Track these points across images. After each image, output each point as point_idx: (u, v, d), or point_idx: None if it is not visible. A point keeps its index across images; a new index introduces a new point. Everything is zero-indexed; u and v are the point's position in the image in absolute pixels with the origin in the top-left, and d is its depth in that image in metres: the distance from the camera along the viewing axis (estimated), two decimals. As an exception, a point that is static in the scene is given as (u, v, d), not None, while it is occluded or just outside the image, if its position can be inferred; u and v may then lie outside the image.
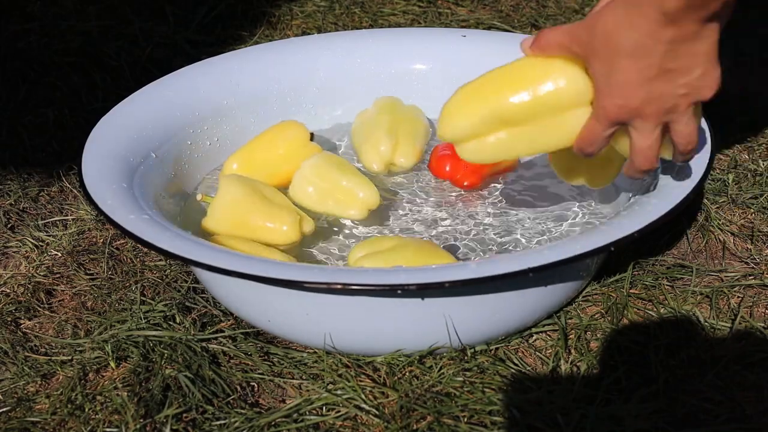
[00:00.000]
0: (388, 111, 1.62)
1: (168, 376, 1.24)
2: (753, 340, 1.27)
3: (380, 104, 1.65)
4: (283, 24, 2.29)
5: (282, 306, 1.23)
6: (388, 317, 1.20)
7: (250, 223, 1.40)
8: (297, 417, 1.18)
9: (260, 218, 1.40)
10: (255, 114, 1.67)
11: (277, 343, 1.31)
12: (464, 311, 1.20)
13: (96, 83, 2.01)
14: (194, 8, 2.32)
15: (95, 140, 1.41)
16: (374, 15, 2.31)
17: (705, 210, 1.54)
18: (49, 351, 1.33)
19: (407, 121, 1.62)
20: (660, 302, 1.35)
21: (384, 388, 1.21)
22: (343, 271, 1.13)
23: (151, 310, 1.37)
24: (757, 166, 1.66)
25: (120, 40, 2.17)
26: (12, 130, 1.86)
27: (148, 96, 1.56)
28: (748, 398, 1.18)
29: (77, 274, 1.47)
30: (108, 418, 1.19)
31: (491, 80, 1.20)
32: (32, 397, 1.24)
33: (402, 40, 1.77)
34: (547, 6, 2.36)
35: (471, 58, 1.72)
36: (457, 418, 1.16)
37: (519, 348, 1.28)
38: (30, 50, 2.13)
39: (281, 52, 1.73)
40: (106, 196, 1.28)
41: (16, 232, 1.59)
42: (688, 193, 1.22)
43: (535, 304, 1.25)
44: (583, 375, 1.22)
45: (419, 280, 1.09)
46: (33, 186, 1.70)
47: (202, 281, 1.35)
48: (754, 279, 1.39)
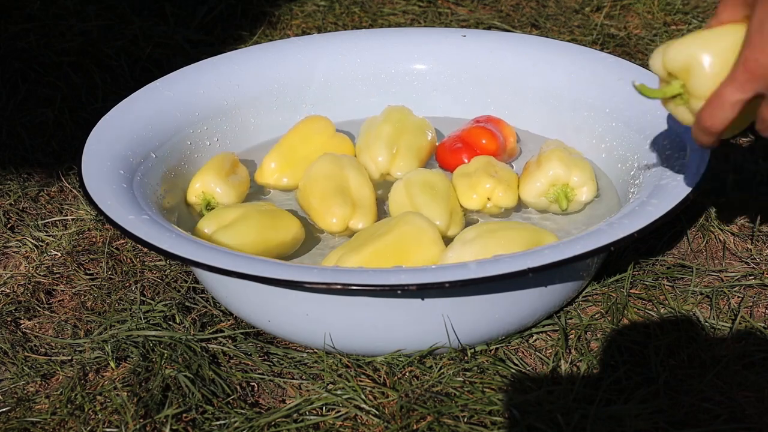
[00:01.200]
0: (393, 121, 1.61)
1: (168, 376, 1.24)
2: (753, 340, 1.27)
3: (387, 113, 1.64)
4: (283, 24, 2.29)
5: (282, 306, 1.23)
6: (388, 317, 1.20)
7: (312, 202, 1.45)
8: (297, 417, 1.18)
9: (316, 202, 1.43)
10: (255, 114, 1.67)
11: (277, 343, 1.31)
12: (464, 311, 1.20)
13: (96, 83, 2.01)
14: (194, 8, 2.32)
15: (95, 140, 1.41)
16: (374, 15, 2.31)
17: (705, 210, 1.54)
18: (48, 351, 1.33)
19: (410, 133, 1.60)
20: (660, 302, 1.35)
21: (384, 388, 1.21)
22: (343, 271, 1.13)
23: (151, 310, 1.37)
24: (757, 166, 1.66)
25: (120, 40, 2.17)
26: (12, 130, 1.86)
27: (148, 96, 1.56)
28: (748, 398, 1.18)
29: (77, 274, 1.47)
30: (108, 418, 1.19)
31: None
32: (32, 397, 1.24)
33: (402, 40, 1.77)
34: (547, 6, 2.36)
35: (471, 58, 1.73)
36: (457, 418, 1.16)
37: (519, 348, 1.28)
38: (30, 50, 2.13)
39: (281, 52, 1.73)
40: (106, 196, 1.28)
41: (16, 232, 1.59)
42: (688, 193, 1.22)
43: (535, 304, 1.25)
44: (583, 375, 1.22)
45: (419, 280, 1.09)
46: (33, 186, 1.70)
47: (202, 281, 1.35)
48: (754, 279, 1.39)
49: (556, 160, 1.46)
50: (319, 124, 1.62)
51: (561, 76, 1.64)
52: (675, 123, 1.39)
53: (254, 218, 1.37)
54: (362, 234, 1.35)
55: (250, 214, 1.37)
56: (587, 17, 2.30)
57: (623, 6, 2.33)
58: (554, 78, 1.65)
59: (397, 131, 1.59)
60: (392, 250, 1.29)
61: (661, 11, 2.31)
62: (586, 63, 1.63)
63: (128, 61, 2.09)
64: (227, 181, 1.49)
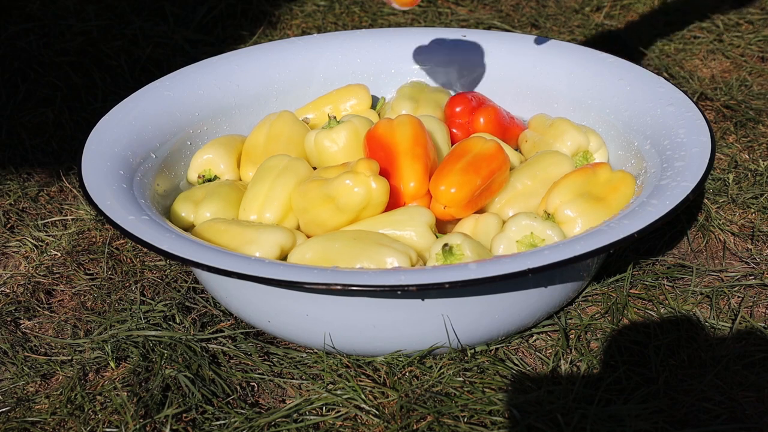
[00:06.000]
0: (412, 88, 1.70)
1: (168, 376, 1.24)
2: (753, 340, 1.27)
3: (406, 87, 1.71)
4: (283, 24, 2.29)
5: (282, 306, 1.22)
6: (388, 318, 1.20)
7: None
8: (297, 417, 1.18)
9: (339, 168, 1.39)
10: (255, 114, 1.67)
11: (277, 343, 1.31)
12: (464, 312, 1.20)
13: (96, 83, 2.01)
14: (194, 8, 2.32)
15: (95, 140, 1.41)
16: (374, 15, 2.31)
17: (705, 210, 1.54)
18: (48, 351, 1.33)
19: (430, 92, 1.68)
20: (660, 302, 1.35)
21: (384, 388, 1.21)
22: (342, 272, 1.13)
23: (151, 310, 1.37)
24: (757, 166, 1.66)
25: (120, 40, 2.17)
26: (12, 130, 1.86)
27: (148, 96, 1.56)
28: (748, 398, 1.18)
29: (77, 274, 1.47)
30: (108, 418, 1.19)
31: None
32: (32, 397, 1.24)
33: (402, 40, 1.77)
34: (547, 6, 2.36)
35: (471, 58, 1.73)
36: (457, 418, 1.16)
37: (519, 348, 1.28)
38: (30, 50, 2.13)
39: (281, 52, 1.73)
40: (105, 196, 1.28)
41: (16, 232, 1.59)
42: (688, 193, 1.22)
43: (535, 304, 1.25)
44: (583, 375, 1.22)
45: (419, 281, 1.09)
46: (33, 186, 1.70)
47: (202, 282, 1.35)
48: (755, 279, 1.39)
49: (572, 130, 1.50)
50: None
51: (561, 76, 1.64)
52: (675, 123, 1.40)
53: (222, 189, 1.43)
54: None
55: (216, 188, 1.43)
56: (587, 17, 2.30)
57: (623, 6, 2.33)
58: (554, 78, 1.65)
59: (418, 90, 1.67)
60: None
61: (661, 11, 2.31)
62: (586, 63, 1.63)
63: (128, 61, 2.09)
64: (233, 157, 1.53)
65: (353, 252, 1.24)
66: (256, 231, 1.30)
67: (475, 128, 1.55)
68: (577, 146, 1.50)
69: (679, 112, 1.41)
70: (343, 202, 1.31)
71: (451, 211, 1.36)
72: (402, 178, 1.37)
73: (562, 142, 1.50)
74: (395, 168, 1.37)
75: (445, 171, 1.36)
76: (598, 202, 1.33)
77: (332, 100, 1.66)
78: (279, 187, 1.38)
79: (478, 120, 1.55)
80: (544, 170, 1.43)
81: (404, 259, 1.22)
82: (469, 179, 1.35)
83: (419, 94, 1.65)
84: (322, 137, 1.46)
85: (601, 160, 1.51)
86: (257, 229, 1.31)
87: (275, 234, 1.29)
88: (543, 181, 1.42)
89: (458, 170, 1.35)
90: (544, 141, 1.52)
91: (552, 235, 1.27)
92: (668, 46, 2.13)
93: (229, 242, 1.29)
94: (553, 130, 1.52)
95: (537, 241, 1.27)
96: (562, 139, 1.50)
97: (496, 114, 1.56)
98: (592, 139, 1.51)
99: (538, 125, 1.57)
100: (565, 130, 1.51)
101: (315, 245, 1.27)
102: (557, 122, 1.53)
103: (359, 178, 1.30)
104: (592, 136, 1.51)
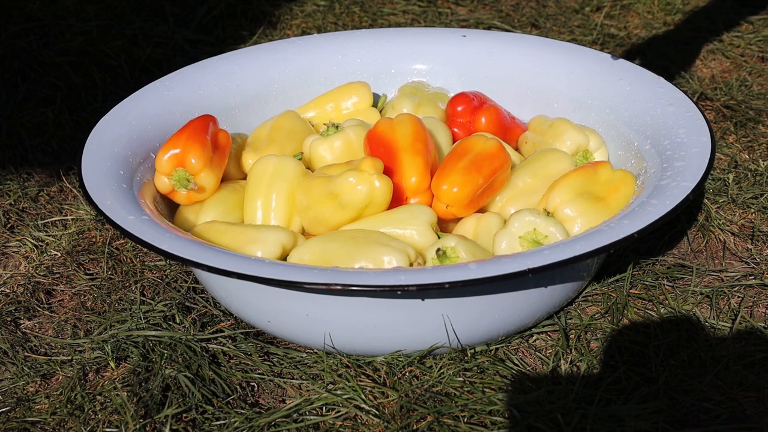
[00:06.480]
0: (413, 88, 1.70)
1: (168, 376, 1.24)
2: (753, 340, 1.27)
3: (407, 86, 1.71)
4: (283, 24, 2.29)
5: (282, 306, 1.22)
6: (387, 318, 1.20)
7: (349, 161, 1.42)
8: (297, 417, 1.18)
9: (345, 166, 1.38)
10: (255, 114, 1.67)
11: (277, 343, 1.31)
12: (464, 312, 1.20)
13: (96, 83, 2.01)
14: (194, 8, 2.32)
15: (95, 140, 1.41)
16: (374, 14, 2.31)
17: (705, 210, 1.54)
18: (48, 351, 1.33)
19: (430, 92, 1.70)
20: (660, 302, 1.35)
21: (384, 388, 1.21)
22: (342, 272, 1.13)
23: (151, 310, 1.37)
24: (757, 166, 1.66)
25: (120, 40, 2.17)
26: (12, 130, 1.86)
27: (148, 96, 1.56)
28: (748, 398, 1.18)
29: (77, 274, 1.47)
30: (108, 418, 1.19)
31: None
32: (32, 397, 1.24)
33: (402, 40, 1.77)
34: (547, 6, 2.36)
35: (471, 58, 1.73)
36: (457, 418, 1.16)
37: (519, 348, 1.28)
38: (30, 50, 2.13)
39: (281, 52, 1.73)
40: (105, 196, 1.28)
41: (16, 232, 1.59)
42: (688, 193, 1.22)
43: (536, 304, 1.25)
44: (583, 375, 1.22)
45: (419, 281, 1.09)
46: (33, 186, 1.70)
47: (202, 282, 1.35)
48: (755, 279, 1.39)
49: (571, 130, 1.50)
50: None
51: (561, 76, 1.64)
52: (675, 123, 1.40)
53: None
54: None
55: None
56: (587, 17, 2.30)
57: (623, 6, 2.33)
58: (554, 78, 1.65)
59: (418, 90, 1.68)
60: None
61: (661, 11, 2.31)
62: (586, 63, 1.63)
63: (128, 61, 2.09)
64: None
65: (351, 252, 1.24)
66: (257, 230, 1.31)
67: (477, 128, 1.55)
68: (577, 146, 1.50)
69: (679, 112, 1.41)
70: (346, 199, 1.31)
71: (453, 210, 1.36)
72: (403, 173, 1.37)
73: (561, 142, 1.50)
74: (396, 164, 1.37)
75: (447, 170, 1.36)
76: (598, 201, 1.33)
77: (334, 98, 1.66)
78: (274, 196, 1.39)
79: (479, 119, 1.55)
80: (544, 167, 1.43)
81: (402, 258, 1.22)
82: (471, 178, 1.35)
83: (420, 94, 1.66)
84: (317, 145, 1.47)
85: (600, 159, 1.51)
86: (259, 228, 1.32)
87: (277, 233, 1.30)
88: (544, 178, 1.42)
89: (460, 169, 1.35)
90: (543, 141, 1.52)
91: (555, 232, 1.27)
92: (668, 46, 2.13)
93: (231, 242, 1.29)
94: (553, 130, 1.53)
95: (540, 237, 1.27)
96: (561, 138, 1.50)
97: (497, 114, 1.56)
98: (591, 139, 1.51)
99: (538, 126, 1.57)
100: (565, 130, 1.51)
101: (313, 246, 1.27)
102: (557, 123, 1.53)
103: (363, 176, 1.30)
104: (592, 135, 1.52)
